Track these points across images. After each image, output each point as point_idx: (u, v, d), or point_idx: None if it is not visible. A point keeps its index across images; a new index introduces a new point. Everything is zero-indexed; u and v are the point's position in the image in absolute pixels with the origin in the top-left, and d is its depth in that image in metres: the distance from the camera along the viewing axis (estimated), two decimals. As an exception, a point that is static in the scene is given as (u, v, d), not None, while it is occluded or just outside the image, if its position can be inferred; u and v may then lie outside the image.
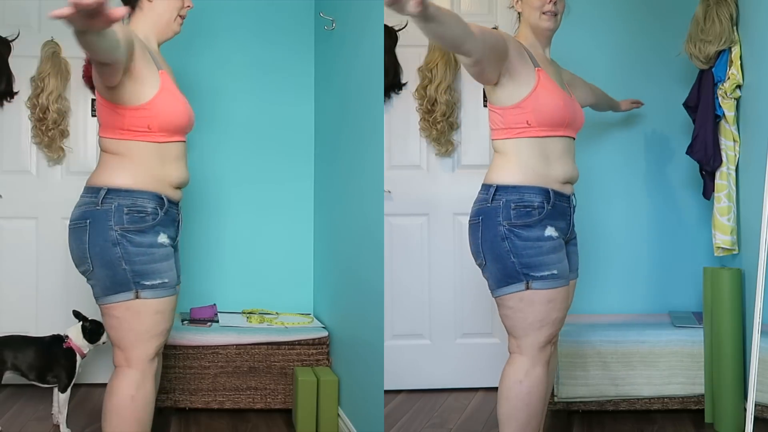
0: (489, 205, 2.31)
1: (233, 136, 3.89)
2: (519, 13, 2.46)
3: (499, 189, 2.30)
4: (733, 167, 3.25)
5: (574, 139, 2.41)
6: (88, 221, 2.21)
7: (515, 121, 2.31)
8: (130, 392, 2.24)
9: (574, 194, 2.42)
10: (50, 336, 3.10)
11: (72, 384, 3.05)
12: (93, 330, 3.08)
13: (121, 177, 2.22)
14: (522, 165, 2.31)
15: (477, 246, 2.33)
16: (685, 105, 3.41)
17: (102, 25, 1.60)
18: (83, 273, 2.26)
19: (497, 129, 2.36)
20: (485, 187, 2.36)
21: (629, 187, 3.71)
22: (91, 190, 2.24)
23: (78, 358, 3.05)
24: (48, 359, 3.03)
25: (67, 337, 3.06)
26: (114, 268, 2.19)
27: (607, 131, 3.71)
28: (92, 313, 3.65)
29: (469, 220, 2.36)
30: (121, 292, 2.21)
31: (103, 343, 3.10)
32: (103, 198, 2.20)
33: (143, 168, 2.25)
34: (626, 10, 3.72)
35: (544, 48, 2.46)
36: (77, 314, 3.09)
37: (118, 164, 2.24)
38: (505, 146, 2.34)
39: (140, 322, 2.23)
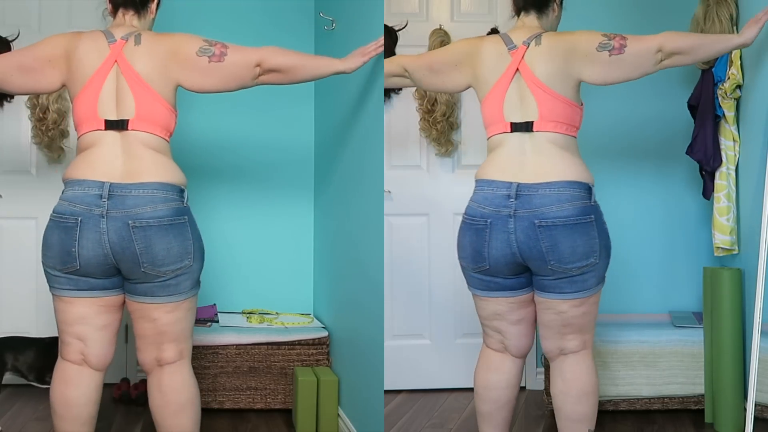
0: (592, 204, 2.32)
1: (232, 136, 3.89)
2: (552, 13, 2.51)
3: (592, 189, 2.36)
4: (733, 167, 3.25)
5: None
6: (185, 218, 2.30)
7: (581, 120, 2.40)
8: (195, 381, 2.41)
9: None
10: (50, 337, 3.10)
11: (72, 384, 3.05)
12: None
13: (182, 177, 2.35)
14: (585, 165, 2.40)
15: (593, 245, 2.30)
16: (689, 104, 3.41)
17: None
18: (177, 270, 2.28)
19: (569, 125, 2.35)
20: (580, 185, 2.31)
21: (629, 187, 3.71)
22: (171, 188, 2.28)
23: None
24: (47, 360, 3.03)
25: None
26: (204, 261, 2.39)
27: (606, 131, 3.71)
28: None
29: (574, 220, 2.27)
30: (198, 284, 2.39)
31: None
32: (186, 196, 2.34)
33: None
34: (626, 10, 3.72)
35: None
36: None
37: (171, 163, 2.33)
38: (572, 144, 2.36)
39: (195, 311, 2.44)
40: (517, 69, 2.35)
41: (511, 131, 2.35)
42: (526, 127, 2.33)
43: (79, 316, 2.33)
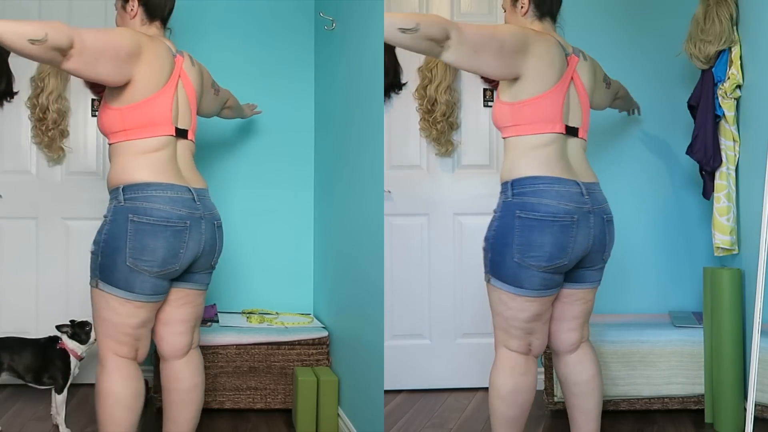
0: None
1: (233, 136, 3.89)
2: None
3: None
4: (733, 167, 3.25)
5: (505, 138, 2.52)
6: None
7: None
8: None
9: None
10: (46, 337, 3.10)
11: (68, 385, 3.04)
12: (75, 333, 3.06)
13: None
14: None
15: (613, 241, 2.54)
16: (689, 104, 3.41)
17: None
18: (215, 265, 2.61)
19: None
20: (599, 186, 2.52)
21: (629, 188, 3.71)
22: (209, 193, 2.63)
23: (72, 359, 3.04)
24: (44, 360, 3.03)
25: (60, 338, 3.05)
26: None
27: (607, 131, 3.71)
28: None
29: (611, 217, 2.50)
30: None
31: (96, 340, 3.08)
32: None
33: None
34: (626, 10, 3.72)
35: None
36: (59, 327, 3.07)
37: None
38: None
39: None
40: (572, 77, 2.44)
41: (565, 133, 2.41)
42: (575, 132, 2.44)
43: (142, 321, 2.43)
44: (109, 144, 2.44)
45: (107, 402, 2.41)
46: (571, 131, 2.42)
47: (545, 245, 2.32)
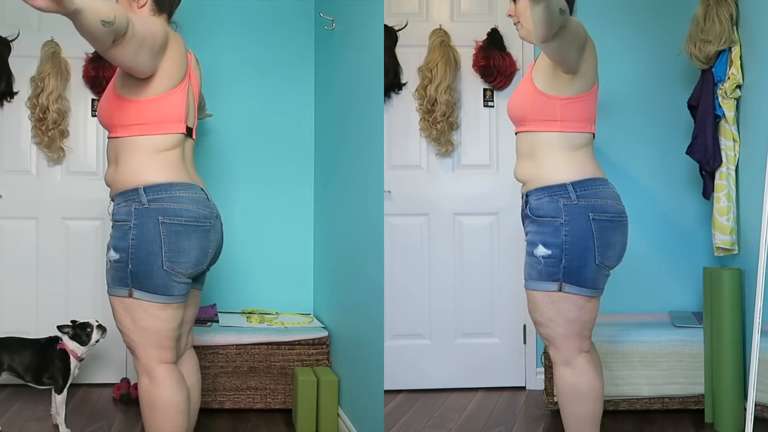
0: None
1: (233, 137, 3.89)
2: None
3: None
4: (733, 167, 3.25)
5: (523, 132, 2.36)
6: None
7: None
8: None
9: (526, 195, 2.37)
10: (46, 338, 3.10)
11: (68, 385, 3.04)
12: (76, 334, 3.05)
13: None
14: None
15: None
16: (689, 104, 3.41)
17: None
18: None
19: None
20: None
21: (629, 187, 3.70)
22: None
23: (72, 359, 3.04)
24: (43, 361, 3.03)
25: (61, 339, 3.05)
26: None
27: (607, 131, 3.71)
28: (93, 312, 3.66)
29: None
30: None
31: (97, 341, 3.08)
32: None
33: None
34: (626, 10, 3.72)
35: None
36: (60, 328, 3.06)
37: None
38: None
39: None
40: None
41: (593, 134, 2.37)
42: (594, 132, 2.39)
43: (179, 321, 2.38)
44: (114, 137, 2.30)
45: (167, 412, 2.32)
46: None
47: (617, 244, 2.31)
